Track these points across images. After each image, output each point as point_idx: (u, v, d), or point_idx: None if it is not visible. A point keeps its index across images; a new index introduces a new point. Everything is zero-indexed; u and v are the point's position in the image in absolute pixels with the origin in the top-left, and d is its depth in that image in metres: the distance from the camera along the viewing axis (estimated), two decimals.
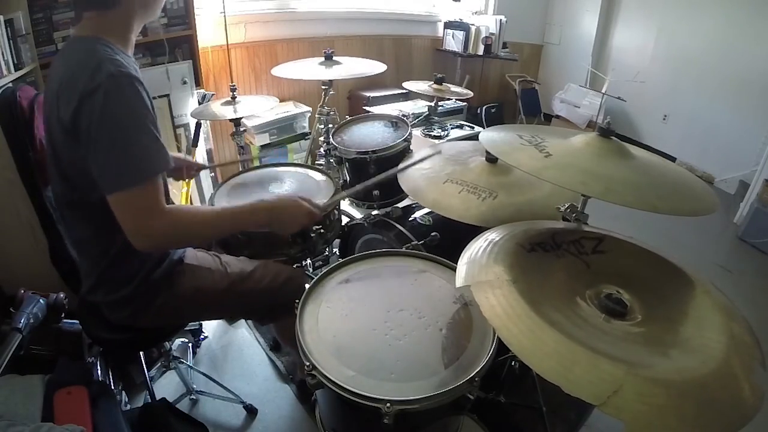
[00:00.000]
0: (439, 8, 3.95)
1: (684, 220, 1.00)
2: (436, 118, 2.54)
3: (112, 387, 1.36)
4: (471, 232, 1.00)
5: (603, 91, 3.75)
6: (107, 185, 0.85)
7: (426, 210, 1.59)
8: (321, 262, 2.00)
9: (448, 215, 1.16)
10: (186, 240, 1.01)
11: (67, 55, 0.92)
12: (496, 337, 0.84)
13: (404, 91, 2.98)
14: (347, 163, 1.68)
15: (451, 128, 2.70)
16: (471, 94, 2.05)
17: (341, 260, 1.09)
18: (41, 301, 1.15)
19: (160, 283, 1.08)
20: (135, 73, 0.88)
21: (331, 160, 1.80)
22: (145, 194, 0.86)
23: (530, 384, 1.35)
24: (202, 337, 1.82)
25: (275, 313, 1.25)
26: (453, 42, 3.86)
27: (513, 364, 1.25)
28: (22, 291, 1.14)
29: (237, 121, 1.95)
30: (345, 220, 1.74)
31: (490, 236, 0.91)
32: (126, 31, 0.95)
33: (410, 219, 1.56)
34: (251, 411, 1.52)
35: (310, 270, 1.90)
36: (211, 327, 1.89)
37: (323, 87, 1.89)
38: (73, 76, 0.85)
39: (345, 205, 1.94)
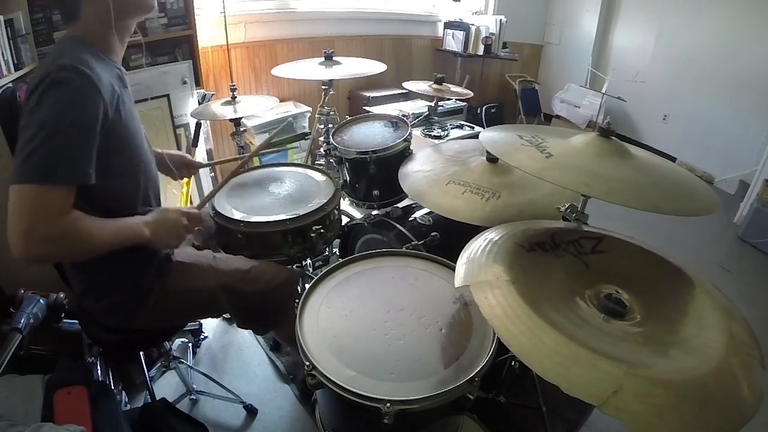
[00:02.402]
0: (439, 8, 3.95)
1: (684, 220, 1.00)
2: (436, 118, 2.53)
3: (112, 387, 1.36)
4: (471, 231, 1.00)
5: (603, 91, 3.75)
6: (15, 173, 0.76)
7: (426, 210, 1.59)
8: (321, 262, 2.00)
9: (454, 218, 1.16)
10: (67, 253, 0.87)
11: (50, 53, 0.91)
12: (496, 337, 0.84)
13: (404, 91, 2.98)
14: (347, 163, 1.68)
15: (451, 128, 2.69)
16: (471, 94, 2.04)
17: (341, 260, 1.09)
18: (41, 301, 1.15)
19: (151, 285, 1.07)
20: (93, 75, 0.82)
21: (331, 160, 1.80)
22: (49, 196, 0.77)
23: (530, 384, 1.35)
24: (202, 337, 1.82)
25: (270, 318, 1.24)
26: (453, 42, 3.86)
27: (513, 364, 1.25)
28: (22, 291, 1.14)
29: (237, 121, 1.95)
30: (345, 220, 1.74)
31: (490, 236, 0.91)
32: (105, 32, 0.92)
33: (410, 219, 1.56)
34: (251, 411, 1.52)
35: (310, 270, 1.90)
36: (211, 327, 1.89)
37: (323, 87, 1.89)
38: (36, 76, 0.83)
39: (345, 205, 1.94)
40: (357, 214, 1.92)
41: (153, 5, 0.99)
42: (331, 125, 1.90)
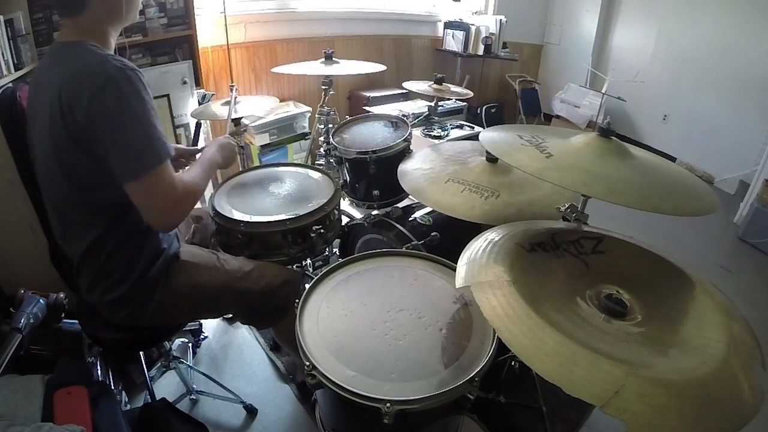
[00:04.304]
0: (439, 8, 3.95)
1: (684, 220, 1.01)
2: (436, 118, 2.54)
3: (112, 387, 1.36)
4: (471, 232, 1.00)
5: (603, 91, 3.74)
6: (131, 171, 0.88)
7: (426, 210, 1.59)
8: (321, 262, 2.00)
9: (453, 215, 1.16)
10: (193, 203, 1.06)
11: (59, 60, 0.91)
12: (496, 337, 0.84)
13: (404, 91, 2.98)
14: (347, 163, 1.68)
15: (451, 128, 2.70)
16: (471, 94, 2.04)
17: (341, 260, 1.09)
18: (41, 301, 1.14)
19: (157, 280, 1.08)
20: (137, 68, 0.90)
21: (331, 160, 1.80)
22: (164, 173, 0.91)
23: (530, 384, 1.35)
24: (202, 337, 1.82)
25: (272, 315, 1.25)
26: (453, 42, 3.86)
27: (513, 364, 1.25)
28: (22, 291, 1.14)
29: (237, 121, 1.94)
30: (345, 220, 1.74)
31: (490, 236, 0.91)
32: (105, 34, 0.96)
33: (410, 219, 1.56)
34: (251, 411, 1.52)
35: (310, 270, 1.90)
36: (211, 327, 1.89)
37: (323, 87, 1.89)
38: (75, 79, 0.85)
39: (345, 205, 1.94)
40: (357, 214, 1.92)
41: (133, 16, 1.05)
42: (331, 125, 1.90)
